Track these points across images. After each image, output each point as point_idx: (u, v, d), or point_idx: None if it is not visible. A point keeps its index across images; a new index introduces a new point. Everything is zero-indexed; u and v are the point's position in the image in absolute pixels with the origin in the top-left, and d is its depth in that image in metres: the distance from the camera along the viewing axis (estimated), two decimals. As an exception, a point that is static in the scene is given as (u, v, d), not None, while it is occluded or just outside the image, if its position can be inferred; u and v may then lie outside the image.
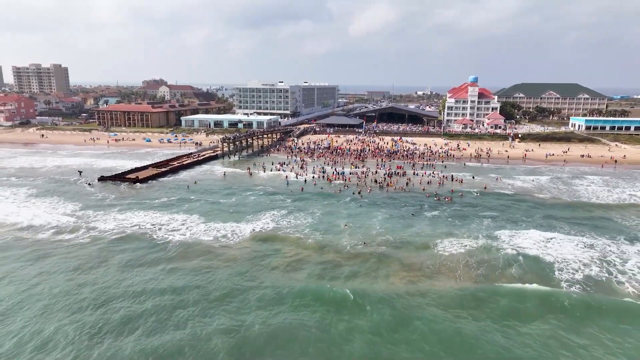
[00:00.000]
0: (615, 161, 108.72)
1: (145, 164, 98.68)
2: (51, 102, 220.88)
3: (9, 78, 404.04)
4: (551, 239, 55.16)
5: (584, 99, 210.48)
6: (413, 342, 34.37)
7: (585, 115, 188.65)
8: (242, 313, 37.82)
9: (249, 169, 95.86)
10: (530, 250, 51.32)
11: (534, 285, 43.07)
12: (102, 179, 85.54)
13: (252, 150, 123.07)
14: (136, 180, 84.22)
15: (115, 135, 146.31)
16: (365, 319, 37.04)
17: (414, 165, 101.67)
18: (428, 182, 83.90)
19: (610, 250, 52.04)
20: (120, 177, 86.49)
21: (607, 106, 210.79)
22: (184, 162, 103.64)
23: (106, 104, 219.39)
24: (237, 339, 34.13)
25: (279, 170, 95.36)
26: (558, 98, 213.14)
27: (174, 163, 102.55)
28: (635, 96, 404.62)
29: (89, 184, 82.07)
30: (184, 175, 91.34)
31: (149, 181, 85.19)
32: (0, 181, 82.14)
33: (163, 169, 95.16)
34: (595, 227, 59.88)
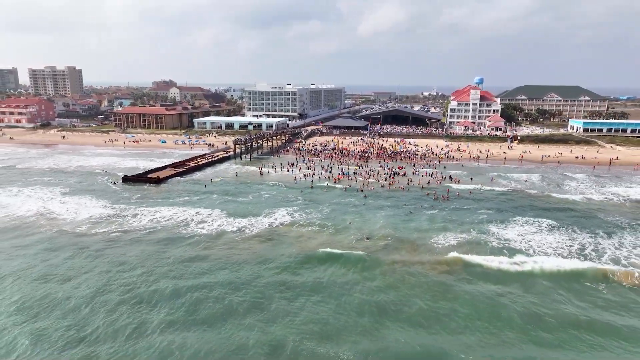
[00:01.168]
0: (610, 162, 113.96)
1: (164, 165, 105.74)
2: (69, 105, 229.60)
3: (23, 79, 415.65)
4: (535, 232, 61.27)
5: (585, 101, 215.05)
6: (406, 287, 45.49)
7: (585, 117, 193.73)
8: (283, 276, 47.58)
9: (260, 169, 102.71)
10: (514, 243, 57.38)
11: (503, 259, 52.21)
12: (126, 179, 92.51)
13: (263, 151, 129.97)
14: (158, 180, 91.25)
15: (133, 136, 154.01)
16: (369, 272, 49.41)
17: (414, 165, 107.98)
18: (427, 182, 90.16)
19: (589, 244, 57.45)
20: (142, 177, 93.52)
21: (607, 108, 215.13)
22: (200, 163, 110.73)
23: (120, 106, 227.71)
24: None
25: (288, 170, 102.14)
26: (559, 100, 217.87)
27: (190, 163, 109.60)
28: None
29: (114, 183, 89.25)
30: (200, 174, 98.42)
31: (169, 180, 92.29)
32: (35, 181, 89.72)
33: (181, 169, 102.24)
34: (577, 222, 65.62)
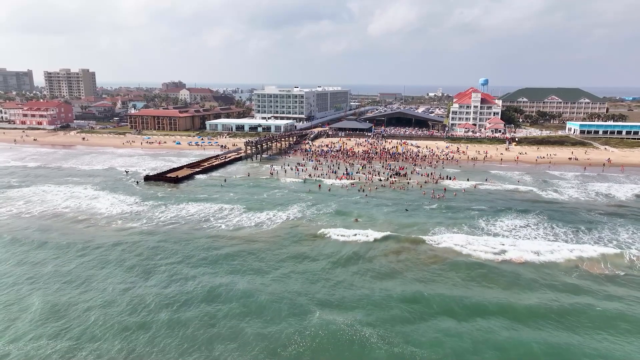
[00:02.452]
0: (604, 165, 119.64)
1: (181, 165, 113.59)
2: (86, 107, 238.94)
3: (37, 80, 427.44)
4: (522, 227, 67.81)
5: (585, 103, 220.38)
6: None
7: (584, 119, 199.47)
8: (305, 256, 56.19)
9: (271, 169, 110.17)
10: (501, 237, 63.78)
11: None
12: (147, 178, 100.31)
13: (272, 153, 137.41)
14: (176, 179, 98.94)
15: (149, 138, 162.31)
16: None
17: (414, 165, 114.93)
18: (425, 182, 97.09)
19: (570, 239, 63.14)
20: (162, 176, 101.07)
21: (607, 110, 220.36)
22: (214, 163, 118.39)
23: (134, 108, 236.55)
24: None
25: (297, 170, 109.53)
26: (560, 102, 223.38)
27: (204, 164, 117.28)
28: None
29: (137, 182, 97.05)
30: (215, 174, 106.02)
31: (187, 179, 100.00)
32: (66, 180, 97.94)
33: (197, 169, 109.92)
34: (561, 218, 72.10)
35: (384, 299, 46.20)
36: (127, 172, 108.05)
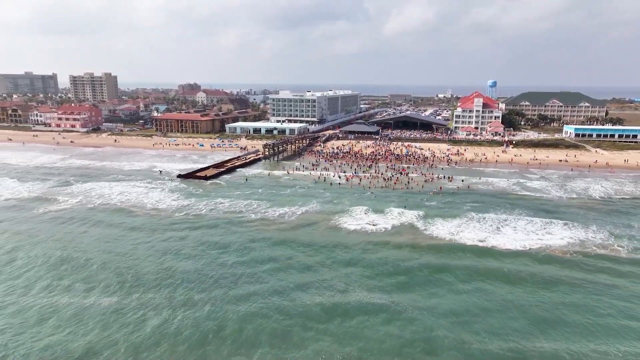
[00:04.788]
0: (589, 165, 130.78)
1: (207, 165, 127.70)
2: (113, 110, 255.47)
3: (62, 82, 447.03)
4: (506, 219, 79.54)
5: (585, 107, 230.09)
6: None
7: (583, 122, 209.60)
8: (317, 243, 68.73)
9: (288, 169, 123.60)
10: (489, 228, 75.92)
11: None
12: (179, 176, 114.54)
13: (287, 154, 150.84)
14: (206, 177, 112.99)
15: (175, 140, 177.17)
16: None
17: (415, 165, 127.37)
18: (425, 181, 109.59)
19: (548, 232, 74.12)
20: (193, 175, 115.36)
21: (606, 113, 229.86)
22: (236, 164, 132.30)
23: (157, 112, 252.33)
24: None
25: (311, 170, 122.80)
26: (561, 106, 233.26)
27: (228, 164, 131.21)
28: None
29: (171, 180, 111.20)
30: (238, 173, 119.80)
31: (214, 178, 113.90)
32: (113, 177, 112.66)
33: (222, 169, 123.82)
34: (545, 213, 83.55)
35: (381, 263, 61.00)
36: (160, 171, 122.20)
